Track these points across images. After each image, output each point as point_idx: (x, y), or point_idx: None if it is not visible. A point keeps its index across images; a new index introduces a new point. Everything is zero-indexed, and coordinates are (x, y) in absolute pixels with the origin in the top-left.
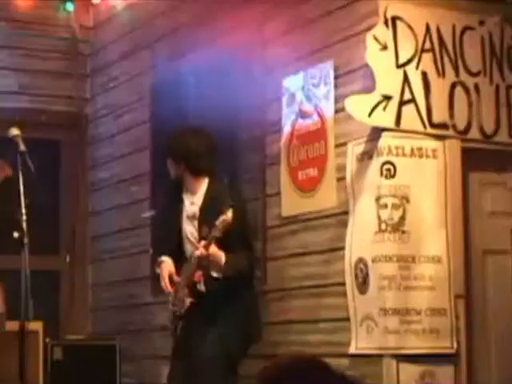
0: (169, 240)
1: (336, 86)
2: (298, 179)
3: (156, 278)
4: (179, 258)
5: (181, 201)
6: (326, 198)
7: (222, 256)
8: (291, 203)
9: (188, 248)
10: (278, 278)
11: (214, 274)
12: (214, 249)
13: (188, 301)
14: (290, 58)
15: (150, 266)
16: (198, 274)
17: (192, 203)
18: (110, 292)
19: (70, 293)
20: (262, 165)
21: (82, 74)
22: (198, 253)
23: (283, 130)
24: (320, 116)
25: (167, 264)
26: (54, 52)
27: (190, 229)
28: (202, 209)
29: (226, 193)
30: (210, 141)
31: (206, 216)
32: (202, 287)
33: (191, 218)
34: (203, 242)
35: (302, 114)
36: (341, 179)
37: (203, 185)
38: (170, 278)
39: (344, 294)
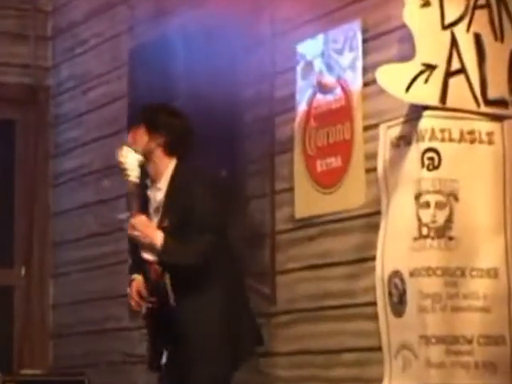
0: (137, 250)
1: (365, 53)
2: (316, 171)
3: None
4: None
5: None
6: (351, 194)
7: (157, 233)
8: (307, 202)
9: None
10: (290, 297)
11: (145, 256)
12: (144, 221)
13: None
14: (306, 16)
15: (129, 280)
16: (154, 268)
17: (158, 189)
18: (76, 314)
19: (25, 314)
20: (270, 153)
21: (42, 36)
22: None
23: (297, 109)
24: (344, 90)
25: (137, 281)
26: (5, 8)
27: (155, 221)
28: (167, 195)
29: (197, 174)
30: (191, 127)
31: (172, 203)
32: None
33: (156, 210)
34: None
35: (322, 88)
36: (370, 171)
37: (170, 167)
38: (140, 294)
39: (374, 317)
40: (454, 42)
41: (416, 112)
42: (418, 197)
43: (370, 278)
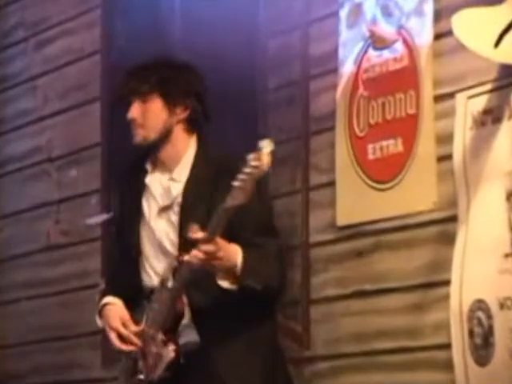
0: (117, 264)
1: None
2: (366, 159)
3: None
4: (135, 296)
5: (140, 187)
6: (417, 192)
7: (237, 251)
8: (354, 202)
9: (153, 271)
10: (331, 337)
11: (224, 285)
12: (222, 241)
13: (170, 351)
14: None
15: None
16: (182, 301)
17: (172, 179)
18: (27, 359)
19: None
20: (301, 133)
21: None
22: (190, 256)
23: (340, 72)
24: (407, 45)
25: (116, 309)
26: None
27: (162, 228)
28: (190, 188)
29: (230, 158)
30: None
31: (196, 201)
32: (188, 322)
33: (165, 209)
34: (199, 234)
35: (376, 42)
36: (444, 159)
37: (190, 149)
38: (125, 327)
39: (448, 365)
40: None
41: (508, 76)
42: (510, 196)
43: (442, 311)
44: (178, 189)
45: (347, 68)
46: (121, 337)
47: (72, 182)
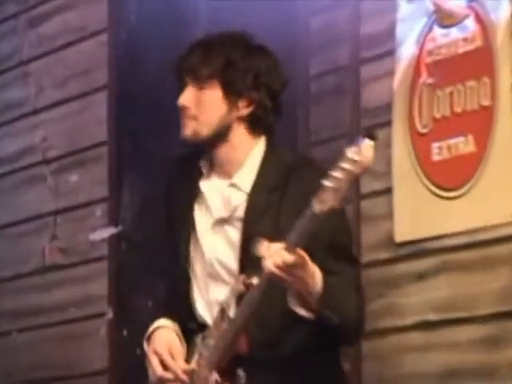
0: (169, 287)
1: None
2: (430, 160)
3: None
4: (187, 329)
5: (194, 192)
6: (492, 201)
7: (315, 272)
8: (416, 213)
9: (204, 299)
10: (386, 376)
11: (301, 312)
12: (306, 255)
13: None
14: None
15: (108, 346)
16: (245, 340)
17: (232, 186)
18: None
19: None
20: (349, 130)
21: None
22: (268, 270)
23: (398, 55)
24: (480, 23)
25: (166, 333)
26: None
27: (216, 245)
28: (254, 198)
29: (301, 160)
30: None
31: (263, 214)
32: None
33: (222, 222)
34: (278, 247)
35: (443, 19)
36: None
37: (255, 153)
38: (172, 359)
39: None
40: None
41: None
42: None
43: None
44: (239, 198)
45: (407, 50)
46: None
47: (72, 188)
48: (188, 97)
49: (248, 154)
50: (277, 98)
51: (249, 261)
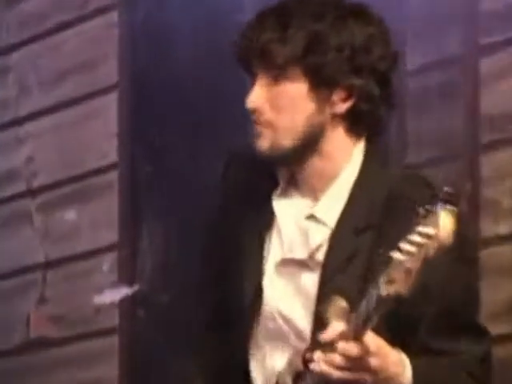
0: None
1: None
2: None
3: None
4: None
5: (263, 215)
6: None
7: (401, 362)
8: None
9: (261, 363)
10: None
11: None
12: (376, 341)
13: None
14: None
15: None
16: None
17: (312, 218)
18: None
19: None
20: (466, 146)
21: None
22: (317, 361)
23: None
24: None
25: None
26: None
27: (281, 293)
28: (341, 237)
29: (408, 180)
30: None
31: (351, 260)
32: None
33: (291, 263)
34: (338, 327)
35: None
36: None
37: (350, 165)
38: None
39: None
40: None
41: None
42: None
43: None
44: (321, 235)
45: None
46: None
47: (68, 231)
48: (259, 95)
49: (342, 168)
50: (386, 82)
51: (325, 321)
